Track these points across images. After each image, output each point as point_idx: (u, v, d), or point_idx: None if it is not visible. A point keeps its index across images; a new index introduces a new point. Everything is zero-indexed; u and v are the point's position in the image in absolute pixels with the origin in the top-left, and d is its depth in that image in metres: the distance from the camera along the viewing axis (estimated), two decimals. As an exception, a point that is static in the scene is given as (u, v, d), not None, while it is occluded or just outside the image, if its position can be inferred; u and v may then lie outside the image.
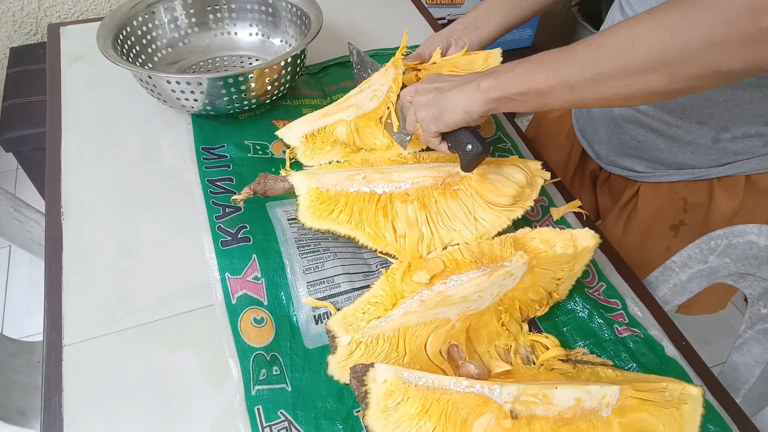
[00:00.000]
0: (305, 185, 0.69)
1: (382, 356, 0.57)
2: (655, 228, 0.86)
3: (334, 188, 0.69)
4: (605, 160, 0.91)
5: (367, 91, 0.79)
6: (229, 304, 0.65)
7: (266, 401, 0.58)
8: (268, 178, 0.70)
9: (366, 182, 0.69)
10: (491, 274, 0.60)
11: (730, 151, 0.76)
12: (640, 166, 0.85)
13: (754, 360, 0.74)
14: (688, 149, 0.78)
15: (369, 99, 0.78)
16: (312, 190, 0.68)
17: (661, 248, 0.87)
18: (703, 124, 0.74)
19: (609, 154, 0.89)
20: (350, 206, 0.68)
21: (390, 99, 0.77)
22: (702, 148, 0.77)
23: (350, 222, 0.67)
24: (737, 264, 0.73)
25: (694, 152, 0.78)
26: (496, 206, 0.69)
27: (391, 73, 0.76)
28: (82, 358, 0.61)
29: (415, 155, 0.78)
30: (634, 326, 0.68)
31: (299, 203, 0.68)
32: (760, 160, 0.76)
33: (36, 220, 1.05)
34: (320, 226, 0.67)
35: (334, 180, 0.69)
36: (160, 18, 0.97)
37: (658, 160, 0.82)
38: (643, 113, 0.79)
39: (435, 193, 0.70)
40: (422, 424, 0.50)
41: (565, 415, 0.51)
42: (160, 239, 0.74)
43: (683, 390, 0.54)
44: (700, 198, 0.82)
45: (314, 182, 0.69)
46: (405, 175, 0.70)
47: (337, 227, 0.67)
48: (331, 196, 0.68)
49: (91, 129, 0.89)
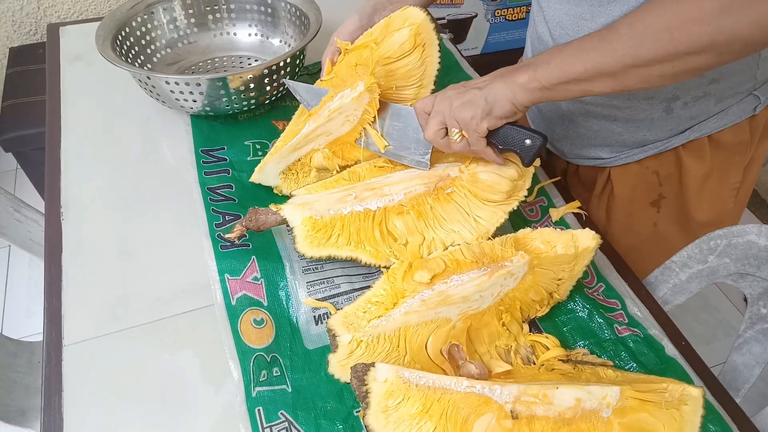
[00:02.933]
0: (299, 216, 0.67)
1: (382, 355, 0.57)
2: (636, 208, 0.87)
3: (327, 214, 0.68)
4: (570, 154, 0.92)
5: (337, 118, 0.75)
6: (228, 305, 0.65)
7: (267, 402, 0.58)
8: (259, 213, 0.68)
9: (358, 201, 0.69)
10: (492, 274, 0.60)
11: (685, 117, 0.76)
12: (605, 152, 0.85)
13: (754, 360, 0.74)
14: (644, 126, 0.78)
15: (341, 125, 0.75)
16: (306, 220, 0.67)
17: (648, 227, 0.87)
18: (652, 99, 0.75)
19: (571, 148, 0.90)
20: (347, 228, 0.68)
21: (365, 120, 0.75)
22: (658, 122, 0.77)
23: (350, 244, 0.67)
24: (737, 264, 0.73)
25: (651, 127, 0.78)
26: (491, 203, 0.69)
27: (365, 98, 0.73)
28: (82, 358, 0.61)
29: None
30: (634, 326, 0.68)
31: (295, 235, 0.67)
32: (716, 117, 0.77)
33: (36, 220, 1.05)
34: (321, 253, 0.66)
35: (326, 206, 0.68)
36: (159, 18, 0.97)
37: (620, 143, 0.82)
38: (591, 104, 0.80)
39: (429, 199, 0.70)
40: (423, 424, 0.50)
41: (566, 415, 0.51)
42: (159, 239, 0.74)
43: (683, 391, 0.54)
44: (670, 169, 0.82)
45: (307, 211, 0.68)
46: (396, 187, 0.70)
47: (337, 251, 0.66)
48: (326, 223, 0.67)
49: (91, 129, 0.89)
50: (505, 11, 2.14)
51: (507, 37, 2.24)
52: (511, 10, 2.15)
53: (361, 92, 0.73)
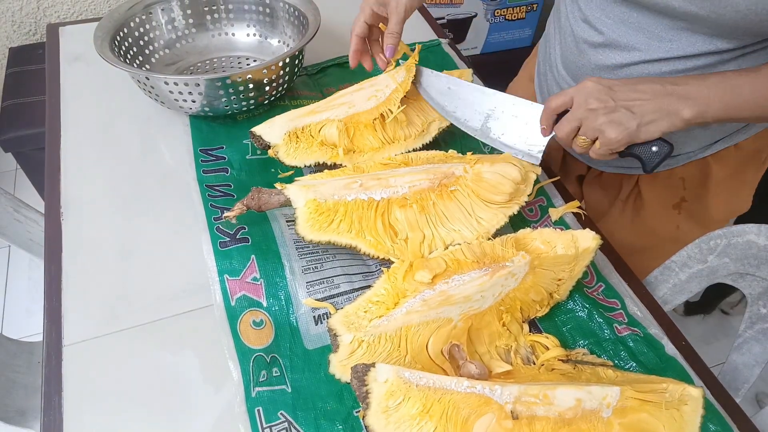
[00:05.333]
0: (302, 198, 0.67)
1: (383, 355, 0.57)
2: (660, 211, 0.87)
3: (331, 198, 0.68)
4: (597, 163, 0.92)
5: (367, 89, 0.77)
6: (228, 306, 0.65)
7: (266, 402, 0.58)
8: (261, 192, 0.68)
9: (363, 189, 0.69)
10: (494, 274, 0.60)
11: (719, 131, 0.77)
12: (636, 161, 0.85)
13: (754, 360, 0.74)
14: (680, 139, 0.79)
15: (366, 98, 0.76)
16: (310, 202, 0.67)
17: (671, 230, 0.87)
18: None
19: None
20: (349, 215, 0.67)
21: (392, 100, 0.75)
22: (693, 135, 0.78)
23: (351, 231, 0.67)
24: (737, 264, 0.73)
25: (687, 139, 0.79)
26: (493, 204, 0.69)
27: (401, 76, 0.74)
28: (82, 358, 0.61)
29: (404, 156, 0.77)
30: (634, 326, 0.68)
31: (297, 216, 0.67)
32: (745, 128, 0.78)
33: (36, 220, 1.05)
34: (321, 237, 0.66)
35: (331, 190, 0.68)
36: (158, 19, 0.97)
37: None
38: None
39: (432, 195, 0.70)
40: (423, 425, 0.50)
41: (566, 415, 0.51)
42: (159, 239, 0.74)
43: (683, 391, 0.54)
44: (696, 174, 0.83)
45: (311, 194, 0.67)
46: (401, 179, 0.70)
47: (337, 237, 0.66)
48: (329, 207, 0.67)
49: (91, 129, 0.88)
50: (504, 11, 2.14)
51: (507, 37, 2.24)
52: (511, 10, 2.15)
53: (398, 69, 0.74)
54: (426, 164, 0.74)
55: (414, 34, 1.14)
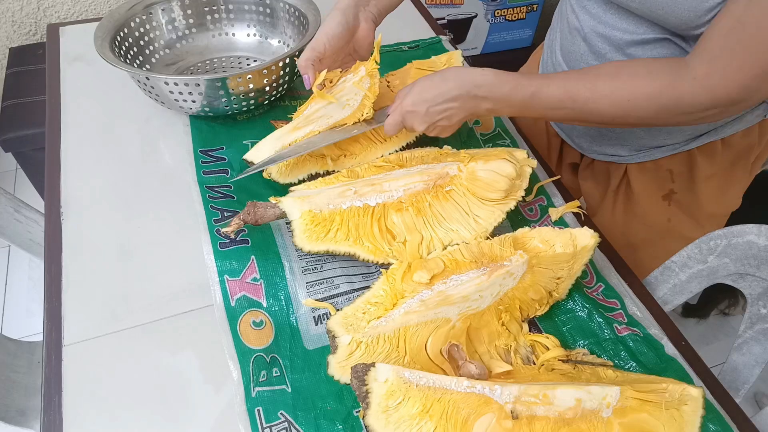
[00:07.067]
0: (297, 209, 0.67)
1: (382, 356, 0.57)
2: (650, 202, 0.89)
3: (327, 208, 0.68)
4: (588, 149, 0.94)
5: (339, 101, 0.75)
6: (228, 307, 0.65)
7: (266, 402, 0.58)
8: (257, 207, 0.68)
9: (358, 196, 0.69)
10: (491, 273, 0.60)
11: (704, 124, 0.78)
12: (624, 150, 0.88)
13: (754, 360, 0.74)
14: (665, 131, 0.81)
15: (341, 108, 0.75)
16: (305, 214, 0.67)
17: (663, 221, 0.89)
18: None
19: (590, 144, 0.92)
20: (346, 223, 0.67)
21: (365, 106, 0.75)
22: (679, 128, 0.79)
23: (348, 239, 0.67)
24: (737, 264, 0.73)
25: (672, 132, 0.81)
26: (489, 201, 0.69)
27: (366, 83, 0.74)
28: (82, 358, 0.61)
29: (398, 157, 0.76)
30: (634, 325, 0.68)
31: (294, 228, 0.67)
32: (732, 123, 0.79)
33: (36, 220, 1.05)
34: (319, 248, 0.66)
35: (325, 199, 0.68)
36: (158, 19, 0.97)
37: (639, 144, 0.85)
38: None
39: (428, 196, 0.70)
40: (423, 424, 0.50)
41: (566, 415, 0.51)
42: (159, 239, 0.74)
43: (683, 391, 0.54)
44: (683, 167, 0.85)
45: (306, 205, 0.67)
46: (396, 183, 0.70)
47: (335, 246, 0.66)
48: (325, 217, 0.67)
49: (91, 129, 0.89)
50: (504, 11, 2.14)
51: (507, 37, 2.24)
52: (511, 10, 2.15)
53: (362, 77, 0.74)
54: (420, 164, 0.74)
55: (414, 34, 1.14)
